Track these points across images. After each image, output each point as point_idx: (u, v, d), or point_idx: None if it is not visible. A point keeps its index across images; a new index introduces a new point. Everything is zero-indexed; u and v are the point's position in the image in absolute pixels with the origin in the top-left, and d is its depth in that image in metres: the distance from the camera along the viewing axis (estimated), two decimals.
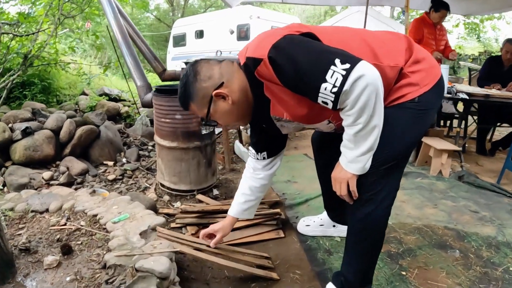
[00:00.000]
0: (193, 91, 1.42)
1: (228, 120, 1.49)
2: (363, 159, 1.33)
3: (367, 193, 1.40)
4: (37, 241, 1.74)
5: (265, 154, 1.81)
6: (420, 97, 1.40)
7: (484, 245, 2.21)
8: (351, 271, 1.55)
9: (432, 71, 1.45)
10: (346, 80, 1.15)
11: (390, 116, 1.37)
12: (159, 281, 1.38)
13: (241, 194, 1.90)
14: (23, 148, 3.11)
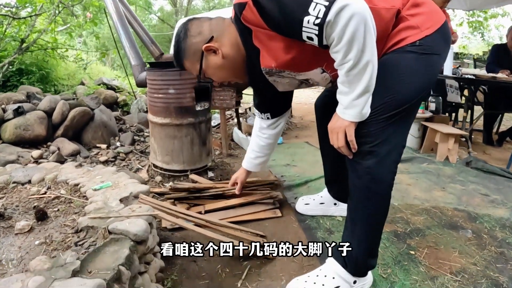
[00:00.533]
0: (185, 48, 1.41)
1: (221, 75, 1.47)
2: (359, 103, 1.20)
3: (368, 145, 1.25)
4: (13, 208, 1.60)
5: (269, 114, 1.86)
6: (422, 40, 1.28)
7: (497, 226, 2.05)
8: (354, 240, 1.38)
9: (434, 15, 1.34)
10: (329, 10, 1.07)
11: (389, 62, 1.28)
12: (134, 244, 1.22)
13: (251, 151, 2.03)
14: (13, 126, 3.01)
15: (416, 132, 3.66)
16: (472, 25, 11.09)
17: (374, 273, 1.56)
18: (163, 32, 19.75)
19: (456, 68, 3.48)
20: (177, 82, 2.56)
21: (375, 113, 1.25)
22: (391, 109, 1.25)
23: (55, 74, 5.18)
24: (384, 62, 1.26)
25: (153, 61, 2.95)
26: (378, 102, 1.24)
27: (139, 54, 3.26)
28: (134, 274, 1.18)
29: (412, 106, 1.30)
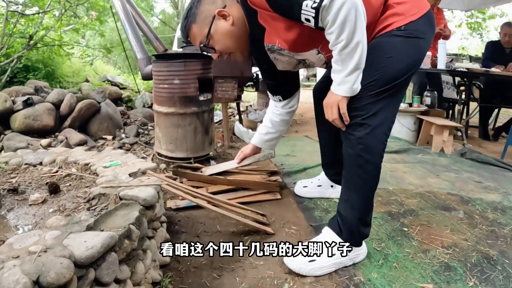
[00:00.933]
0: (196, 13, 1.50)
1: (227, 42, 1.53)
2: (351, 79, 1.34)
3: (359, 118, 1.38)
4: (26, 185, 1.69)
5: (280, 97, 1.95)
6: (407, 25, 1.43)
7: (489, 208, 2.13)
8: (348, 206, 1.48)
9: (418, 3, 1.49)
10: None
11: (377, 44, 1.43)
12: (143, 209, 1.31)
13: (263, 126, 2.07)
14: (23, 116, 3.13)
15: (412, 126, 3.75)
16: (471, 26, 11.20)
17: (368, 246, 1.64)
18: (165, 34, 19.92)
19: (449, 62, 3.59)
20: (182, 72, 2.66)
21: (365, 89, 1.38)
22: (380, 85, 1.38)
23: (60, 71, 5.31)
24: (373, 44, 1.40)
25: (158, 53, 3.05)
26: (368, 79, 1.38)
27: (145, 48, 3.37)
28: (142, 235, 1.27)
29: (399, 83, 1.43)
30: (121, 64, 13.30)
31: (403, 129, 3.80)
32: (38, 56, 4.92)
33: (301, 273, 1.47)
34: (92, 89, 4.77)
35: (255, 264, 1.57)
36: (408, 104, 3.80)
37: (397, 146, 3.49)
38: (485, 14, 10.73)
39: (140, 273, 1.20)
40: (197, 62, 2.68)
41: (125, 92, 5.30)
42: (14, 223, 1.33)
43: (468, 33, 12.82)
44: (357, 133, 1.39)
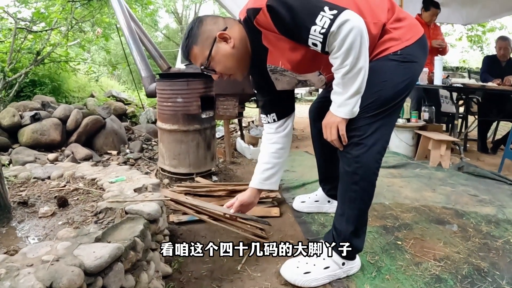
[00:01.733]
0: (197, 34, 1.52)
1: (227, 64, 1.55)
2: (351, 102, 1.41)
3: (357, 138, 1.46)
4: (35, 198, 1.77)
5: (275, 116, 1.87)
6: (402, 50, 1.51)
7: (483, 222, 2.19)
8: (343, 220, 1.55)
9: (413, 28, 1.57)
10: (333, 22, 1.28)
11: (375, 67, 1.49)
12: (147, 222, 1.39)
13: (260, 164, 1.92)
14: (30, 131, 3.24)
15: (410, 140, 3.82)
16: (471, 39, 11.32)
17: (362, 259, 1.71)
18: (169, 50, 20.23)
19: (445, 77, 3.68)
20: (185, 91, 2.77)
21: (363, 111, 1.46)
22: (376, 107, 1.46)
23: (66, 86, 5.44)
24: (371, 68, 1.46)
25: (162, 72, 3.16)
26: (366, 101, 1.46)
27: (149, 66, 3.48)
28: (147, 247, 1.34)
29: (394, 105, 1.51)
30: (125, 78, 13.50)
31: (401, 144, 3.88)
32: (44, 71, 5.06)
33: (297, 284, 1.54)
34: (98, 105, 4.89)
35: (253, 276, 1.64)
36: (406, 119, 3.88)
37: (395, 161, 3.56)
38: (485, 27, 10.84)
39: (144, 282, 1.28)
40: (199, 81, 2.79)
41: (130, 107, 5.42)
42: (25, 234, 1.41)
43: (468, 46, 12.96)
44: (354, 152, 1.46)
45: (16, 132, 3.36)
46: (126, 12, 3.83)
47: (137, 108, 5.47)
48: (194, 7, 20.52)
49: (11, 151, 3.14)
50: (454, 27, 11.27)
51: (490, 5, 5.64)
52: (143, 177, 1.95)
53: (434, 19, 4.45)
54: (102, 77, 7.29)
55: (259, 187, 1.91)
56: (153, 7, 9.16)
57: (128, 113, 5.21)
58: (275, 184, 1.93)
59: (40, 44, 4.61)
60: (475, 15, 6.18)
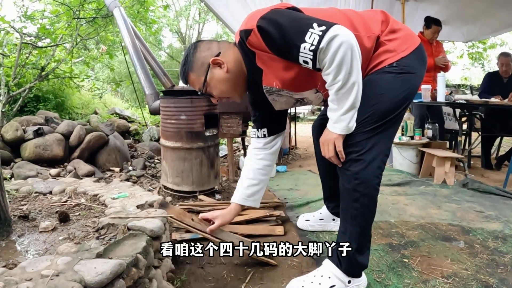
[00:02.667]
0: (192, 61, 1.55)
1: (223, 89, 1.57)
2: (346, 117, 1.40)
3: (355, 154, 1.44)
4: (36, 212, 1.76)
5: (265, 131, 1.86)
6: (398, 61, 1.50)
7: (490, 238, 2.15)
8: (346, 238, 1.52)
9: (408, 39, 1.56)
10: (322, 39, 1.27)
11: (371, 80, 1.49)
12: (150, 239, 1.37)
13: (244, 179, 1.89)
14: (33, 146, 3.26)
15: (414, 158, 3.80)
16: (472, 57, 11.39)
17: (369, 278, 1.67)
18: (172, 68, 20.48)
19: (448, 94, 3.69)
20: (189, 109, 2.78)
21: (360, 125, 1.44)
22: (374, 121, 1.44)
23: (70, 102, 5.48)
24: (367, 81, 1.46)
25: (166, 90, 3.18)
26: (363, 116, 1.44)
27: (153, 84, 3.51)
28: (149, 264, 1.32)
29: (393, 118, 1.49)
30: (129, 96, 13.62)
31: (405, 162, 3.85)
32: (49, 87, 5.11)
33: None
34: (101, 121, 4.92)
35: None
36: (409, 137, 3.87)
37: (399, 178, 3.53)
38: (485, 44, 10.92)
39: None
40: (203, 98, 2.80)
41: (133, 125, 5.45)
42: (25, 248, 1.39)
43: (470, 63, 13.04)
44: (353, 168, 1.44)
45: (19, 147, 3.38)
46: (131, 29, 3.89)
47: (140, 125, 5.49)
48: (198, 26, 20.85)
49: (13, 165, 3.15)
50: (455, 44, 11.37)
51: (490, 22, 5.71)
52: (146, 194, 1.94)
53: (436, 36, 4.48)
54: (106, 95, 7.35)
55: (242, 203, 1.88)
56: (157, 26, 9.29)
57: (131, 131, 5.23)
58: (258, 201, 1.91)
59: (45, 60, 4.67)
60: (476, 32, 6.24)
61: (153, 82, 3.53)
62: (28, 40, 4.67)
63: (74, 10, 4.87)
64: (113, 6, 4.12)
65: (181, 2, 20.02)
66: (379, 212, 2.51)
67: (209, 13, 17.75)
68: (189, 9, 19.34)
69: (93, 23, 5.22)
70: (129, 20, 4.13)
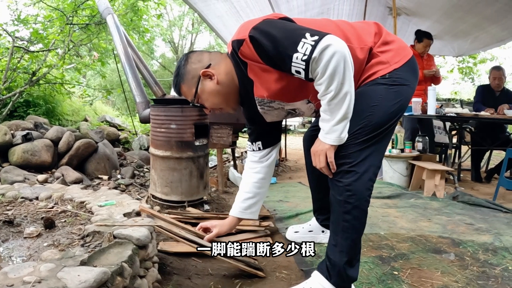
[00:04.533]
0: (184, 73, 1.56)
1: (214, 100, 1.58)
2: (339, 128, 1.38)
3: (347, 165, 1.42)
4: (22, 218, 1.72)
5: (260, 144, 1.87)
6: (391, 73, 1.50)
7: (480, 250, 2.15)
8: (336, 250, 1.49)
9: (401, 51, 1.56)
10: (314, 48, 1.26)
11: (363, 92, 1.48)
12: (136, 248, 1.34)
13: (240, 192, 1.92)
14: (21, 151, 3.21)
15: (404, 171, 3.82)
16: (462, 71, 11.55)
17: None
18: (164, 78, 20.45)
19: (439, 107, 3.73)
20: (179, 118, 2.75)
21: (353, 137, 1.42)
22: (366, 133, 1.43)
23: (60, 109, 5.42)
24: (359, 93, 1.45)
25: (157, 98, 3.16)
26: (355, 127, 1.43)
27: (144, 92, 3.49)
28: (134, 274, 1.29)
29: (385, 130, 1.49)
30: (120, 105, 13.56)
31: (395, 175, 3.87)
32: (39, 92, 5.06)
33: None
34: (91, 129, 4.87)
35: None
36: (400, 149, 3.89)
37: (389, 191, 3.54)
38: (475, 59, 11.09)
39: None
40: (194, 108, 2.77)
41: (123, 133, 5.40)
42: (9, 254, 1.36)
43: (460, 77, 13.24)
44: (344, 180, 1.42)
45: (7, 151, 3.33)
46: (124, 37, 3.88)
47: (130, 134, 5.45)
48: (191, 37, 20.93)
49: (1, 170, 3.09)
50: (445, 59, 11.54)
51: (481, 37, 5.81)
52: (134, 202, 1.90)
53: (427, 50, 4.55)
54: (97, 103, 7.30)
55: (240, 216, 1.91)
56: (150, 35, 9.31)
57: (121, 139, 5.18)
58: (255, 213, 1.93)
59: (36, 65, 4.62)
60: (467, 47, 6.35)
61: (144, 90, 3.52)
62: (20, 44, 4.63)
63: (67, 16, 4.85)
64: (107, 13, 4.12)
65: (175, 12, 20.12)
66: (369, 224, 2.52)
67: (202, 23, 17.85)
68: (182, 19, 19.41)
69: (86, 29, 5.20)
70: (122, 27, 4.13)
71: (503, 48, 13.15)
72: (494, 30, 5.47)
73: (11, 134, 3.34)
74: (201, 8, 5.10)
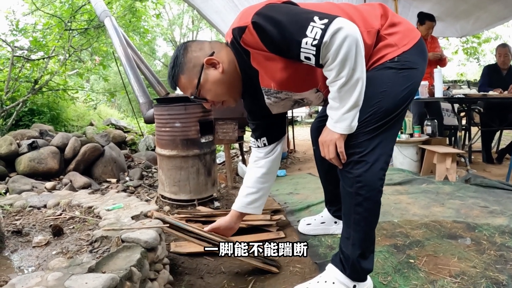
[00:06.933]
0: (183, 62, 1.44)
1: (218, 91, 1.47)
2: (349, 116, 1.31)
3: (357, 155, 1.36)
4: (30, 227, 1.71)
5: (265, 140, 1.80)
6: (400, 56, 1.42)
7: (496, 233, 2.10)
8: (349, 243, 1.45)
9: (409, 33, 1.49)
10: (325, 32, 1.19)
11: (372, 77, 1.39)
12: (144, 251, 1.32)
13: (244, 187, 1.86)
14: (28, 159, 3.22)
15: (414, 156, 3.76)
16: (467, 52, 11.35)
17: (374, 281, 1.61)
18: None
19: (446, 89, 3.66)
20: (183, 116, 2.73)
21: (362, 125, 1.36)
22: (377, 120, 1.37)
23: (65, 115, 5.44)
24: (368, 78, 1.37)
25: (160, 97, 3.14)
26: (364, 114, 1.36)
27: (147, 92, 3.47)
28: (144, 277, 1.27)
29: (396, 116, 1.42)
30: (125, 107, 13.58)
31: (405, 160, 3.81)
32: (43, 100, 5.08)
33: None
34: (96, 133, 4.87)
35: None
36: (409, 134, 3.82)
37: (400, 177, 3.48)
38: (480, 38, 10.88)
39: None
40: (197, 105, 2.74)
41: (129, 135, 5.41)
42: (18, 265, 1.35)
43: (465, 58, 13.02)
44: (355, 171, 1.36)
45: (14, 161, 3.34)
46: (123, 38, 3.86)
47: (137, 135, 5.45)
48: (192, 34, 20.85)
49: (8, 180, 3.11)
50: (449, 41, 11.35)
51: (483, 16, 5.69)
52: (141, 204, 1.89)
53: (430, 32, 4.46)
54: (101, 106, 7.32)
55: (242, 210, 1.84)
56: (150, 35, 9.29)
57: (127, 141, 5.18)
58: (259, 208, 1.87)
59: (37, 73, 4.63)
60: (470, 27, 6.23)
61: (146, 90, 3.50)
62: (20, 53, 4.63)
63: (65, 22, 4.84)
64: (104, 16, 4.10)
65: (174, 11, 20.06)
66: (381, 212, 2.44)
67: (202, 20, 17.78)
68: (181, 17, 19.35)
69: (85, 34, 5.19)
70: (120, 29, 4.10)
71: (506, 26, 12.93)
72: (496, 8, 5.35)
73: (17, 144, 3.36)
74: (199, 5, 5.05)
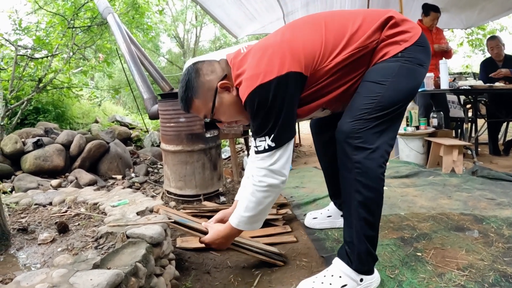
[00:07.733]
0: (197, 86, 1.45)
1: (232, 112, 1.51)
2: None
3: (357, 140, 1.36)
4: (36, 224, 1.72)
5: None
6: (403, 52, 1.43)
7: (504, 225, 2.08)
8: (352, 233, 1.44)
9: (412, 30, 1.48)
10: (263, 152, 1.42)
11: (375, 68, 1.43)
12: (150, 246, 1.32)
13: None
14: (33, 157, 3.23)
15: (420, 148, 3.73)
16: (472, 44, 11.25)
17: (381, 274, 1.60)
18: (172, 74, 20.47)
19: (452, 81, 3.62)
20: None
21: (364, 113, 1.37)
22: (378, 110, 1.37)
23: (70, 112, 5.46)
24: (372, 69, 1.40)
25: (164, 93, 3.13)
26: (367, 104, 1.37)
27: (151, 88, 3.46)
28: (150, 272, 1.26)
29: (397, 109, 1.43)
30: (130, 104, 13.62)
31: (412, 153, 3.78)
32: (48, 98, 5.09)
33: None
34: (102, 130, 4.89)
35: None
36: (415, 127, 3.79)
37: (406, 170, 3.46)
38: (485, 30, 10.78)
39: None
40: None
41: (134, 131, 5.41)
42: (23, 262, 1.35)
43: (470, 50, 12.91)
44: (354, 157, 1.36)
45: (19, 159, 3.36)
46: (126, 35, 3.85)
47: (142, 132, 5.46)
48: (195, 30, 20.83)
49: (14, 178, 3.12)
50: (454, 32, 11.26)
51: (488, 7, 5.64)
52: (147, 199, 1.88)
53: (435, 23, 4.42)
54: (106, 103, 7.33)
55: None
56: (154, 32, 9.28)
57: (132, 137, 5.19)
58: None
59: (41, 71, 4.64)
60: (475, 18, 6.17)
61: (150, 86, 3.49)
62: (23, 52, 4.65)
63: (68, 20, 4.84)
64: (107, 13, 4.09)
65: (177, 7, 20.00)
66: (388, 205, 2.47)
67: (206, 16, 17.72)
68: (185, 13, 19.30)
69: (88, 31, 5.19)
70: (123, 25, 4.09)
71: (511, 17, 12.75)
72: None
73: (22, 142, 3.37)
74: None
